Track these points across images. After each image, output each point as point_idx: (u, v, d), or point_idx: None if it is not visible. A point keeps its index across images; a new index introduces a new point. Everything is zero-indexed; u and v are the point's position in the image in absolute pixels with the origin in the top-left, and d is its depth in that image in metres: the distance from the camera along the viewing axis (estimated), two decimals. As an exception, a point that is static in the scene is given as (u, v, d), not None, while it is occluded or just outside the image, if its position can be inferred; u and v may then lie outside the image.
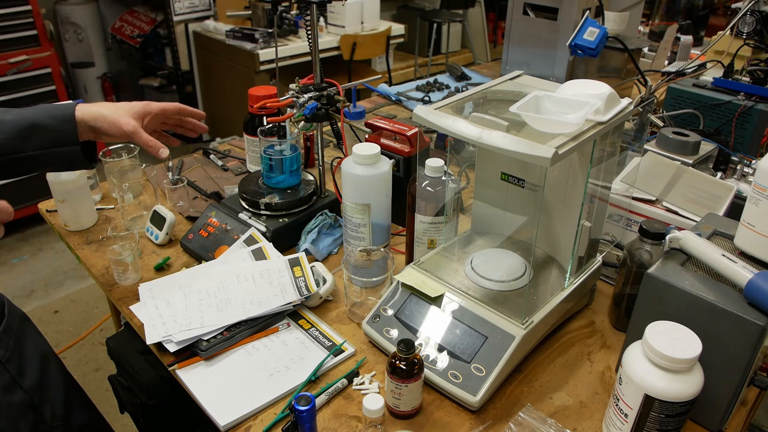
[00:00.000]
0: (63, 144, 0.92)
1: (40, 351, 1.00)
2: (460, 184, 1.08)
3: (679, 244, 0.86)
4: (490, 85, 1.00)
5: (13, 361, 0.92)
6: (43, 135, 0.91)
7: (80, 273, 2.79)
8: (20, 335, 0.97)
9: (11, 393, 0.91)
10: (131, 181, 1.38)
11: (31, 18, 2.93)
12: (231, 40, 3.35)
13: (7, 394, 0.90)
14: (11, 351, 0.93)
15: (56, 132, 0.91)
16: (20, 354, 0.95)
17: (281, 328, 1.01)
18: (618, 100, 0.89)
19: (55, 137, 0.91)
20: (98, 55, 4.04)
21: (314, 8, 1.09)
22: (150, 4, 3.95)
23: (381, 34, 3.77)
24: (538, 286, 0.98)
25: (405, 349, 0.81)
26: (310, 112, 1.12)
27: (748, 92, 1.45)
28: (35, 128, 0.90)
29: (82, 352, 2.38)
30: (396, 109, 1.94)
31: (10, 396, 0.90)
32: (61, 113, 0.92)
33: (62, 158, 0.94)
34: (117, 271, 1.12)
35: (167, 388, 1.18)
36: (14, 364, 0.93)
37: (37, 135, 0.90)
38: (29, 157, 0.90)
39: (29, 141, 0.90)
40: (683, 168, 1.17)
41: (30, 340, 0.99)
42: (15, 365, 0.93)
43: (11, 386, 0.91)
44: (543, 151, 0.74)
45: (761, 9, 1.49)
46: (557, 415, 0.87)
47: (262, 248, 1.12)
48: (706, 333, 0.75)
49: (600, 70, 1.89)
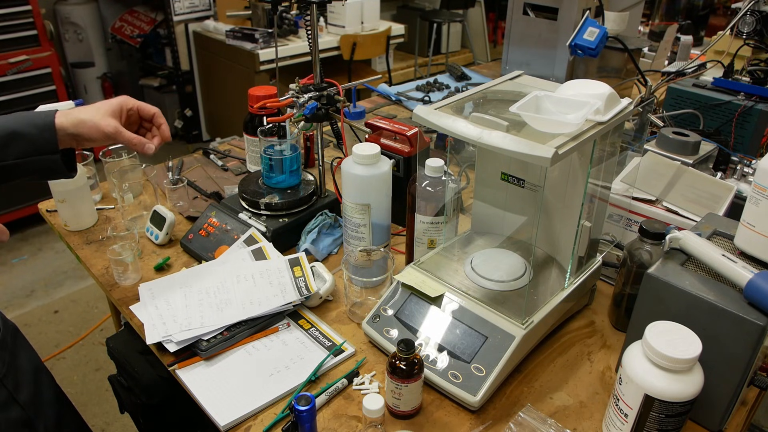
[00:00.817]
0: (43, 153, 0.91)
1: (33, 365, 0.99)
2: (460, 184, 1.08)
3: (679, 244, 0.86)
4: (490, 85, 1.00)
5: (9, 376, 0.91)
6: (23, 143, 0.89)
7: (80, 273, 2.79)
8: (14, 350, 0.96)
9: (8, 410, 0.90)
10: (131, 181, 1.38)
11: (31, 18, 2.93)
12: (231, 40, 3.35)
13: (4, 411, 0.89)
14: (7, 366, 0.92)
15: (36, 140, 0.90)
16: (15, 369, 0.94)
17: (281, 328, 1.01)
18: (618, 100, 0.89)
19: (35, 146, 0.90)
20: (98, 55, 4.04)
21: (314, 8, 1.09)
22: (150, 4, 3.95)
23: (381, 34, 3.77)
24: (538, 286, 0.98)
25: (405, 349, 0.81)
26: (310, 112, 1.12)
27: (748, 92, 1.45)
28: (15, 136, 0.88)
29: (82, 352, 2.38)
30: (396, 109, 1.94)
31: (8, 413, 0.90)
32: (42, 121, 0.91)
33: (42, 167, 0.92)
34: (117, 271, 1.12)
35: (167, 388, 1.18)
36: (10, 380, 0.92)
37: (17, 143, 0.89)
38: (8, 166, 0.89)
39: (8, 149, 0.88)
40: (683, 168, 1.17)
41: (23, 354, 0.98)
42: (11, 381, 0.92)
43: (8, 402, 0.90)
44: (543, 151, 0.74)
45: (761, 9, 1.49)
46: (557, 415, 0.87)
47: (262, 248, 1.12)
48: (706, 333, 0.75)
49: (600, 70, 1.89)
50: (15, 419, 0.90)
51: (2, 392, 0.89)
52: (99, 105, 0.97)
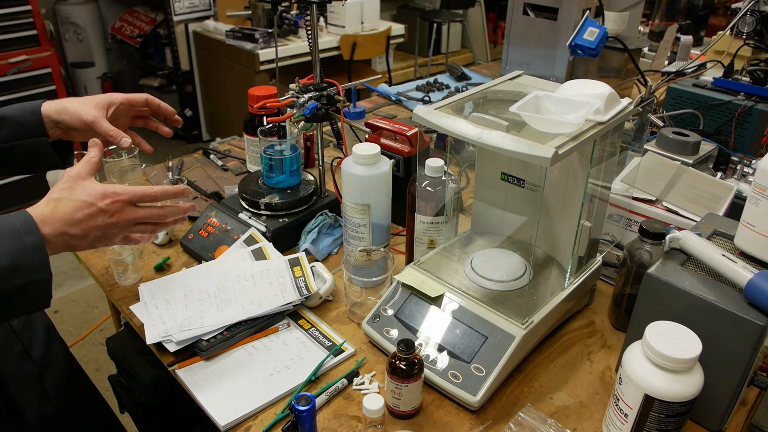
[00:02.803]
0: (30, 135, 0.95)
1: (45, 325, 1.06)
2: (460, 184, 1.08)
3: (679, 244, 0.86)
4: (490, 85, 1.00)
5: (24, 333, 0.99)
6: (11, 126, 0.94)
7: (80, 273, 2.79)
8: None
9: (23, 362, 0.97)
10: (131, 181, 1.37)
11: (31, 18, 2.93)
12: (231, 40, 3.35)
13: (19, 363, 0.96)
14: (23, 323, 1.00)
15: (23, 123, 0.94)
16: (30, 328, 1.01)
17: (281, 328, 1.01)
18: (618, 100, 0.89)
19: (22, 129, 0.94)
20: (98, 55, 4.05)
21: (314, 8, 1.09)
22: (150, 4, 3.95)
23: (381, 34, 3.77)
24: (538, 286, 0.98)
25: (405, 349, 0.81)
26: (310, 112, 1.12)
27: (748, 92, 1.44)
28: (3, 121, 0.93)
29: (82, 352, 2.38)
30: (396, 109, 1.94)
31: (23, 365, 0.96)
32: (29, 107, 0.95)
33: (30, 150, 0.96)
34: (117, 271, 1.12)
35: (167, 388, 1.18)
36: (25, 336, 0.99)
37: (5, 127, 0.93)
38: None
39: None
40: (683, 168, 1.17)
41: (38, 317, 1.06)
42: (26, 336, 0.99)
43: (23, 356, 0.97)
44: (543, 151, 0.74)
45: (761, 9, 1.49)
46: (557, 415, 0.87)
47: (262, 248, 1.12)
48: (706, 333, 0.75)
49: (600, 70, 1.89)
50: (29, 371, 0.98)
51: (18, 346, 0.97)
52: (87, 97, 1.00)
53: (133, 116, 1.09)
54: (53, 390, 1.01)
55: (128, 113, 1.06)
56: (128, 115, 1.06)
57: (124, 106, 1.03)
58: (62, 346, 1.09)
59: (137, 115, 1.09)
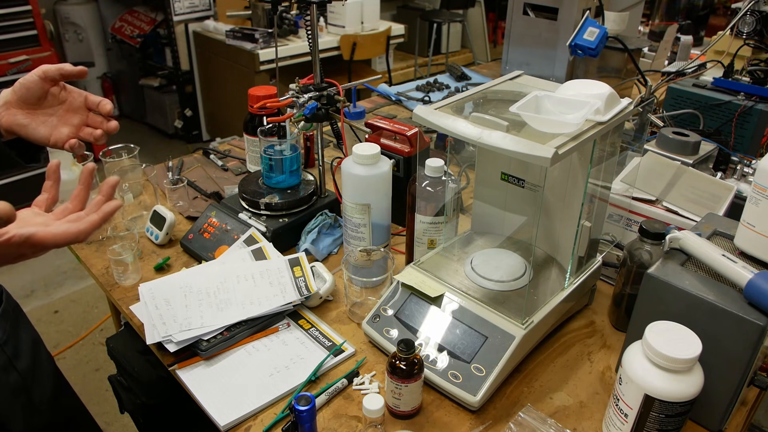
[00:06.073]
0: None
1: (32, 337, 1.04)
2: (460, 184, 1.08)
3: (679, 244, 0.86)
4: (490, 85, 1.00)
5: (9, 343, 0.96)
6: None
7: (80, 273, 2.79)
8: (15, 321, 1.00)
9: (7, 374, 0.94)
10: (131, 181, 1.38)
11: (31, 18, 2.93)
12: (231, 40, 3.35)
13: (3, 375, 0.93)
14: (8, 334, 0.96)
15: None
16: (15, 338, 0.98)
17: (281, 328, 1.01)
18: (618, 100, 0.89)
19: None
20: (98, 55, 4.05)
21: (314, 8, 1.09)
22: (150, 4, 3.95)
23: (381, 34, 3.77)
24: (538, 286, 0.98)
25: (405, 349, 0.81)
26: (310, 112, 1.12)
27: (748, 92, 1.44)
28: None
29: (82, 352, 2.38)
30: (396, 109, 1.94)
31: (6, 376, 0.94)
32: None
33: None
34: (117, 271, 1.12)
35: (167, 388, 1.18)
36: (10, 347, 0.96)
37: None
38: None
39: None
40: (683, 168, 1.17)
41: (23, 327, 1.03)
42: (11, 347, 0.96)
43: (7, 367, 0.94)
44: (543, 151, 0.74)
45: (761, 9, 1.49)
46: (557, 415, 0.87)
47: (262, 248, 1.12)
48: (706, 333, 0.75)
49: (600, 70, 1.89)
50: (13, 384, 0.95)
51: (2, 357, 0.94)
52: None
53: (49, 88, 0.95)
54: (41, 403, 0.99)
55: (41, 88, 0.93)
56: (42, 89, 0.94)
57: (37, 84, 0.92)
58: (49, 359, 1.07)
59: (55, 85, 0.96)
